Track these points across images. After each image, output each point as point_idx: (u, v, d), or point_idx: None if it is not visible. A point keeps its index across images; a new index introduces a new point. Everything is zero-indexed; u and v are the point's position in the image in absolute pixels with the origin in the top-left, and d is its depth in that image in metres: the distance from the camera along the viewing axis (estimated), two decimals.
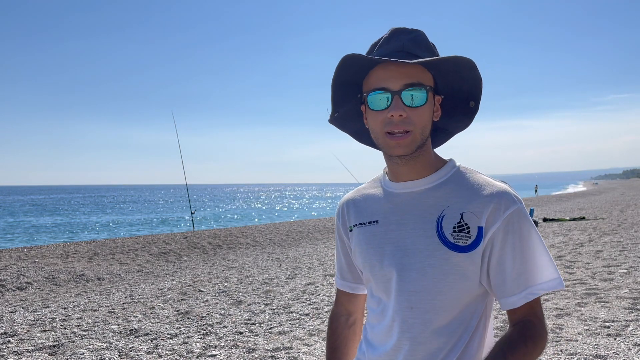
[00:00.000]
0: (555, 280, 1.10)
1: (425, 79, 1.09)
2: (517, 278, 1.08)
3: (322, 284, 7.40)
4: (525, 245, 1.08)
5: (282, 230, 17.94)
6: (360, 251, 1.21)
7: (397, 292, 1.13)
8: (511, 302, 1.09)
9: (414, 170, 1.15)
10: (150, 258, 11.88)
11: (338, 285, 1.38)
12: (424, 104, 1.08)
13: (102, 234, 23.75)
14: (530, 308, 1.09)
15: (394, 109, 1.06)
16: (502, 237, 1.08)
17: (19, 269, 9.71)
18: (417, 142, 1.09)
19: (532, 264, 1.09)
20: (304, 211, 45.06)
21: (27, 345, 4.78)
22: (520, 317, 1.10)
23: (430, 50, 1.12)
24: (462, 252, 1.08)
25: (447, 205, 1.11)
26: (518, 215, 1.08)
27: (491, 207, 1.08)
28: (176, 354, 4.40)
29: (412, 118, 1.07)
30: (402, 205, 1.16)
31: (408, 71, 1.07)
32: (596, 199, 35.52)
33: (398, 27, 1.13)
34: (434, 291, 1.09)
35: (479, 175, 1.15)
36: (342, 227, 1.30)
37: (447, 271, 1.08)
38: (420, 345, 1.11)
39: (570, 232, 12.74)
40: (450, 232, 1.09)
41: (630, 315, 4.81)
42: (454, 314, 1.10)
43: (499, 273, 1.09)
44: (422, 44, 1.11)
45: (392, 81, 1.07)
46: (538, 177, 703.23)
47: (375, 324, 1.20)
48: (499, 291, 1.10)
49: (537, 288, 1.08)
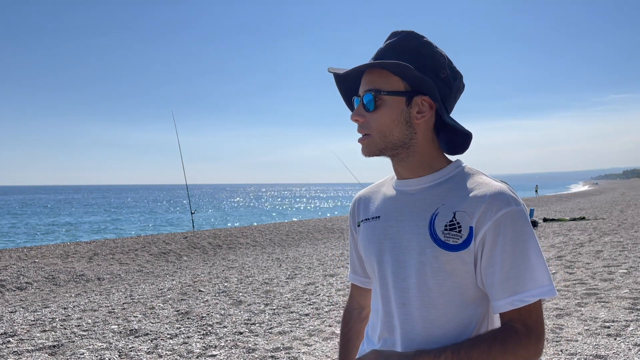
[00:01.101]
0: (546, 287, 1.04)
1: (387, 83, 1.11)
2: (504, 282, 1.04)
3: (322, 284, 7.40)
4: (517, 248, 1.04)
5: (282, 230, 17.93)
6: (363, 246, 1.24)
7: (392, 289, 1.15)
8: (497, 307, 1.06)
9: (408, 170, 1.17)
10: (150, 258, 11.88)
11: (350, 279, 1.41)
12: (376, 109, 1.11)
13: (102, 234, 23.75)
14: (518, 314, 1.05)
15: (353, 114, 1.15)
16: (493, 238, 1.05)
17: (19, 269, 9.71)
18: (379, 145, 1.13)
19: (522, 268, 1.04)
20: (304, 211, 45.06)
21: (27, 345, 4.78)
22: (505, 321, 1.07)
23: (414, 53, 1.10)
24: (452, 251, 1.07)
25: (442, 204, 1.11)
26: (512, 217, 1.05)
27: (482, 207, 1.06)
28: (176, 354, 4.40)
29: (369, 122, 1.13)
30: (402, 202, 1.18)
31: (370, 78, 1.13)
32: (596, 199, 35.51)
33: (394, 31, 1.15)
34: (424, 288, 1.10)
35: (480, 176, 1.13)
36: (352, 223, 1.34)
37: (437, 269, 1.08)
38: (413, 342, 1.11)
39: (571, 232, 12.74)
40: (442, 230, 1.09)
41: (630, 316, 4.81)
42: (448, 314, 1.09)
43: (488, 276, 1.06)
44: (401, 48, 1.11)
45: (361, 87, 1.15)
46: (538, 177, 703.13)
47: (375, 319, 1.23)
48: (490, 294, 1.07)
49: (525, 295, 1.03)
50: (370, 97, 1.11)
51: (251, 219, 33.74)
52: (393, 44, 1.13)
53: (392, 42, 1.13)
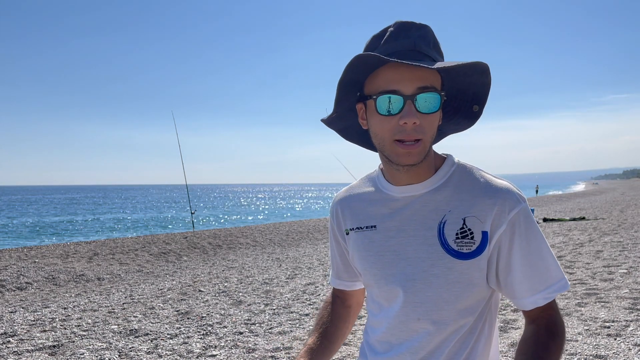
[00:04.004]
0: (562, 281, 1.06)
1: (437, 81, 1.01)
2: (527, 281, 1.04)
3: (322, 284, 7.40)
4: (533, 246, 1.04)
5: (282, 230, 17.93)
6: (359, 257, 1.17)
7: (402, 303, 1.09)
8: (523, 304, 1.06)
9: (415, 175, 1.09)
10: (150, 258, 11.87)
11: (334, 285, 1.33)
12: (437, 110, 1.00)
13: (102, 234, 23.75)
14: (542, 311, 1.07)
15: (407, 116, 0.97)
16: (509, 238, 1.03)
17: (19, 269, 9.71)
18: (426, 151, 1.02)
19: (541, 265, 1.04)
20: (304, 211, 45.06)
21: (27, 345, 4.78)
22: (537, 314, 1.07)
23: (437, 48, 1.04)
24: (467, 259, 1.04)
25: (448, 210, 1.06)
26: (523, 216, 1.04)
27: (495, 210, 1.03)
28: (176, 354, 4.39)
29: (424, 125, 0.99)
30: (401, 211, 1.10)
31: (421, 73, 0.98)
32: (596, 199, 35.51)
33: (405, 21, 1.03)
34: (440, 301, 1.05)
35: (480, 173, 1.10)
36: (337, 229, 1.25)
37: (453, 280, 1.04)
38: (425, 353, 1.08)
39: (571, 232, 12.73)
40: (453, 239, 1.04)
41: (630, 316, 4.81)
42: (461, 319, 1.07)
43: (508, 275, 1.05)
44: (431, 41, 1.03)
45: (404, 84, 0.98)
46: (538, 177, 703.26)
47: (376, 328, 1.17)
48: (510, 293, 1.07)
49: (548, 292, 1.05)
50: (437, 98, 0.99)
51: (251, 219, 33.74)
52: (427, 37, 1.02)
53: (424, 35, 1.02)
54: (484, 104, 1.10)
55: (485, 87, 1.06)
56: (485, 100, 1.09)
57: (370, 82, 1.03)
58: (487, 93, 1.07)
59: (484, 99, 1.09)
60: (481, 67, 1.00)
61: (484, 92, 1.07)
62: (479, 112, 1.11)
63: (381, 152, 1.07)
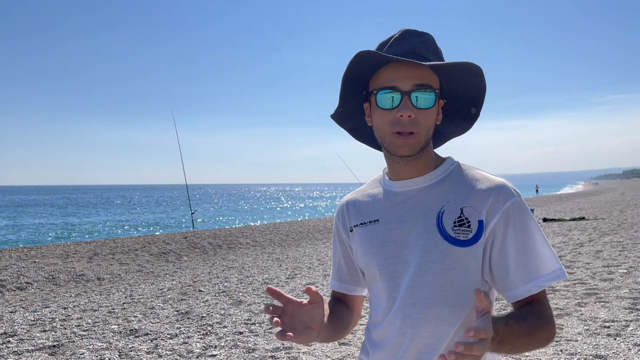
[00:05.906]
0: (558, 271, 1.10)
1: (433, 81, 1.11)
2: (519, 270, 1.08)
3: (322, 284, 7.40)
4: (527, 236, 1.10)
5: (282, 230, 17.94)
6: (362, 251, 1.21)
7: (402, 288, 1.13)
8: (515, 295, 1.09)
9: (415, 169, 1.16)
10: (150, 258, 11.88)
11: (334, 288, 1.34)
12: (432, 107, 1.10)
13: (102, 234, 23.75)
14: (532, 300, 1.10)
15: (403, 109, 1.08)
16: (503, 229, 1.09)
17: (19, 269, 9.72)
18: (421, 144, 1.11)
19: (534, 255, 1.09)
20: (304, 211, 45.06)
21: (27, 345, 4.78)
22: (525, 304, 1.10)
23: (438, 55, 1.15)
24: (464, 247, 1.09)
25: (446, 201, 1.13)
26: (517, 207, 1.10)
27: (490, 200, 1.10)
28: (176, 354, 4.40)
29: (419, 119, 1.09)
30: (402, 203, 1.17)
31: (419, 72, 1.09)
32: (596, 199, 35.51)
33: (408, 29, 1.15)
34: (436, 286, 1.10)
35: (477, 171, 1.18)
36: (342, 228, 1.29)
37: (449, 266, 1.09)
38: (421, 339, 1.11)
39: (570, 232, 12.74)
40: (451, 226, 1.10)
41: (630, 315, 4.81)
42: (459, 311, 1.10)
43: (501, 265, 1.10)
44: (431, 47, 1.14)
45: (402, 81, 1.09)
46: (538, 177, 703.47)
47: (378, 322, 1.20)
48: (503, 284, 1.10)
49: (541, 280, 1.09)
50: (432, 95, 1.10)
51: (251, 219, 33.75)
52: (427, 43, 1.13)
53: (425, 41, 1.13)
54: (480, 106, 1.18)
55: (481, 89, 1.16)
56: (481, 102, 1.17)
57: (373, 80, 1.15)
58: (483, 95, 1.17)
59: (480, 101, 1.18)
60: (474, 69, 1.11)
61: (479, 94, 1.17)
62: (476, 115, 1.20)
63: (382, 145, 1.16)
